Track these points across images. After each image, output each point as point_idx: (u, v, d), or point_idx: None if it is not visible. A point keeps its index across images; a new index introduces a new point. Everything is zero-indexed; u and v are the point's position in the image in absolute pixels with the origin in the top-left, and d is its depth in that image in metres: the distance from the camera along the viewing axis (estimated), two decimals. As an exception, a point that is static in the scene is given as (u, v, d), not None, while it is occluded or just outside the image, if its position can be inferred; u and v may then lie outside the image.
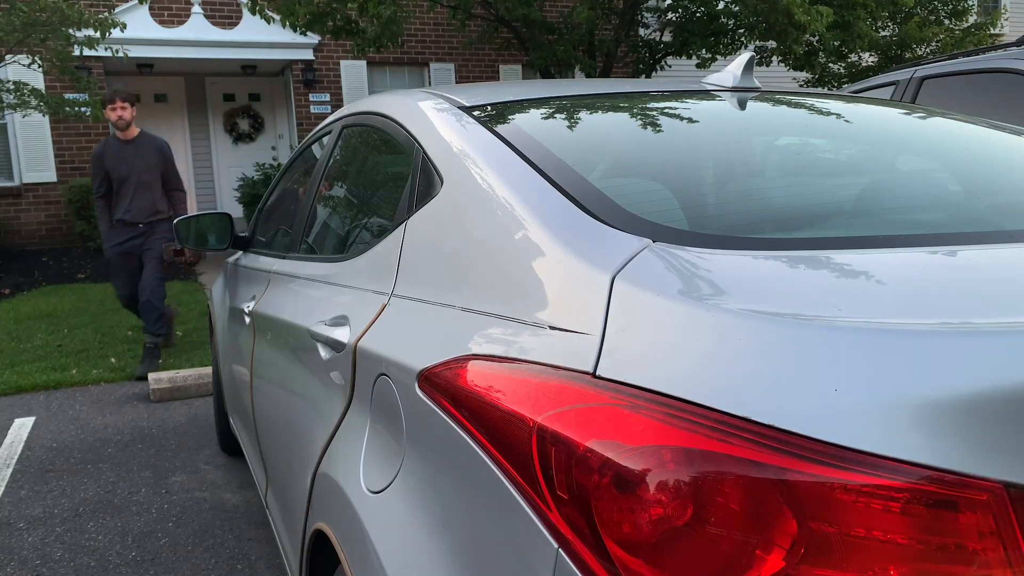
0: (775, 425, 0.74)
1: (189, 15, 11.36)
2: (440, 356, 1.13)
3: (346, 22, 9.82)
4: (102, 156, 5.44)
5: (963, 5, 11.72)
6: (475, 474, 0.98)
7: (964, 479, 0.71)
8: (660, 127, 1.61)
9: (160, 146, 5.52)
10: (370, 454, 1.32)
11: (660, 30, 11.67)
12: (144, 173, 5.44)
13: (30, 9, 7.31)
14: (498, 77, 12.87)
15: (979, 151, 1.62)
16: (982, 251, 1.02)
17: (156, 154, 5.49)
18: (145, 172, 5.44)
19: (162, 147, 5.52)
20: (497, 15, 10.42)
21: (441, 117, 1.54)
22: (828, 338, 0.79)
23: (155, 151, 5.49)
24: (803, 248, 1.01)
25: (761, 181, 1.44)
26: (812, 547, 0.72)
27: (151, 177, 5.47)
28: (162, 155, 5.50)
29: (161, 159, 5.49)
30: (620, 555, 0.78)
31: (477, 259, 1.23)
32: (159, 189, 5.52)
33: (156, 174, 5.49)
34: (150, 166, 5.46)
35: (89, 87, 8.34)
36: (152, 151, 5.48)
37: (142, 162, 5.44)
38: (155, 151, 5.49)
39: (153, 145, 5.51)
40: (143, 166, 5.44)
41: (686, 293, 0.89)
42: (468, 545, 1.00)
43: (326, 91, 12.22)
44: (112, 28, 7.50)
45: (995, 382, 0.73)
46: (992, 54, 3.61)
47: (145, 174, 5.45)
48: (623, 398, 0.83)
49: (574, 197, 1.14)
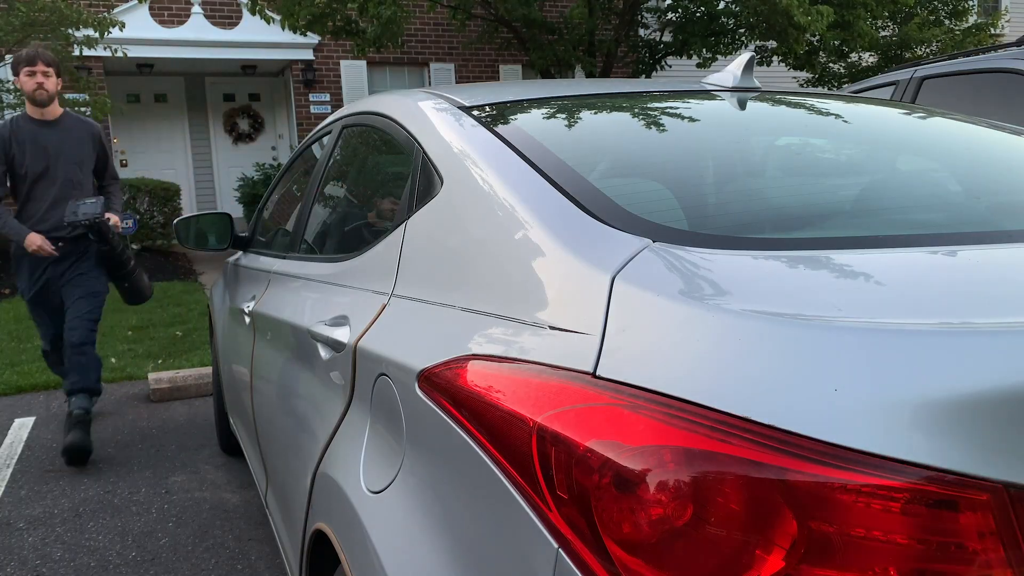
0: (775, 425, 0.74)
1: (189, 15, 11.36)
2: (440, 356, 1.13)
3: (346, 22, 9.82)
4: (6, 141, 3.81)
5: (963, 5, 11.73)
6: (475, 474, 0.98)
7: (964, 479, 0.71)
8: (660, 127, 1.61)
9: (95, 132, 4.00)
10: (370, 454, 1.32)
11: (660, 30, 11.67)
12: (71, 167, 3.89)
13: (29, 9, 7.32)
14: (498, 77, 12.87)
15: (979, 151, 1.62)
16: (982, 251, 1.02)
17: (89, 143, 3.97)
18: (73, 166, 3.90)
19: (97, 133, 4.01)
20: (497, 15, 10.43)
21: (441, 117, 1.54)
22: (828, 338, 0.79)
23: (89, 139, 3.97)
24: (803, 248, 1.01)
25: (761, 181, 1.44)
26: (812, 547, 0.72)
27: (82, 174, 3.94)
28: (98, 144, 4.02)
29: (97, 150, 4.02)
30: (620, 555, 0.78)
31: (477, 259, 1.23)
32: (91, 190, 4.00)
33: (88, 169, 3.99)
34: (81, 158, 3.93)
35: (89, 87, 8.35)
36: (84, 138, 3.95)
37: (70, 152, 3.89)
38: (89, 139, 3.97)
39: (86, 130, 3.97)
40: (71, 157, 3.90)
41: (686, 293, 0.89)
42: (468, 545, 1.00)
43: (326, 91, 12.23)
44: (111, 28, 7.50)
45: (995, 382, 0.73)
46: (992, 54, 3.61)
47: (73, 169, 3.90)
48: (623, 398, 0.83)
49: (574, 197, 1.14)
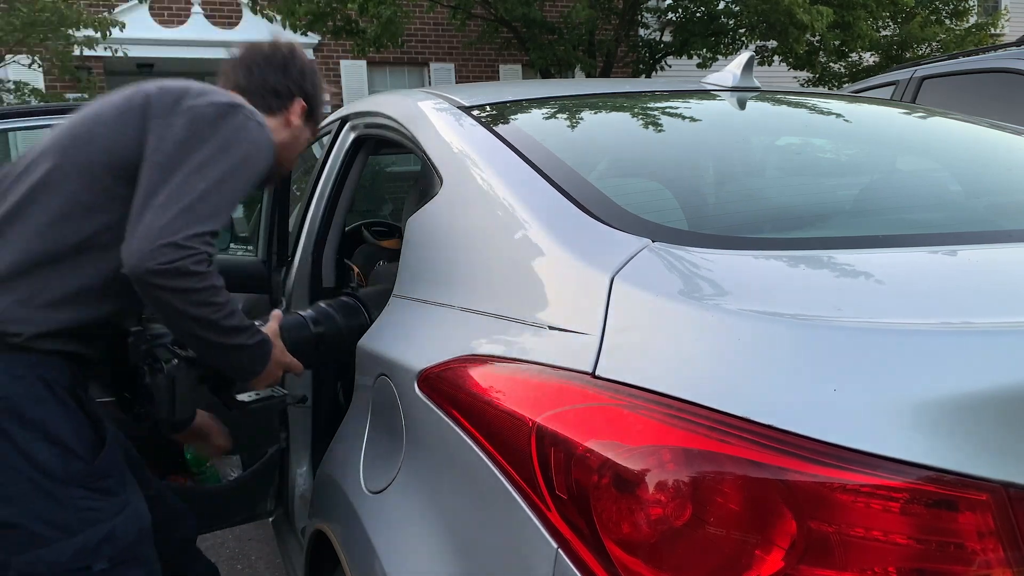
0: (774, 425, 0.74)
1: (189, 15, 11.36)
2: (440, 356, 1.13)
3: (346, 22, 9.81)
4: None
5: (964, 5, 11.72)
6: (475, 474, 0.98)
7: (963, 479, 0.71)
8: (660, 127, 1.61)
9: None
10: (370, 454, 1.32)
11: (660, 30, 11.66)
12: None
13: (30, 9, 7.32)
14: (498, 77, 12.86)
15: (979, 151, 1.62)
16: (982, 251, 1.02)
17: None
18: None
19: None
20: (497, 15, 10.42)
21: (441, 117, 1.54)
22: (828, 338, 0.79)
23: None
24: (803, 248, 1.01)
25: (761, 181, 1.44)
26: (811, 547, 0.72)
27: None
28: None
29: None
30: (619, 555, 0.78)
31: (476, 259, 1.22)
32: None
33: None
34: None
35: (89, 87, 8.34)
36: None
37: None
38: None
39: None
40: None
41: (686, 293, 0.89)
42: (468, 545, 1.00)
43: (326, 91, 12.23)
44: (112, 28, 7.50)
45: (995, 382, 0.73)
46: (992, 54, 3.61)
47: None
48: (622, 398, 0.83)
49: (573, 197, 1.14)
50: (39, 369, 1.29)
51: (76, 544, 1.28)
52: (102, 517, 1.31)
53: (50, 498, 1.27)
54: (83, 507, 1.30)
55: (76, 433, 1.31)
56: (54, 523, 1.28)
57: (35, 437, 1.27)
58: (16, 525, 1.26)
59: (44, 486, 1.27)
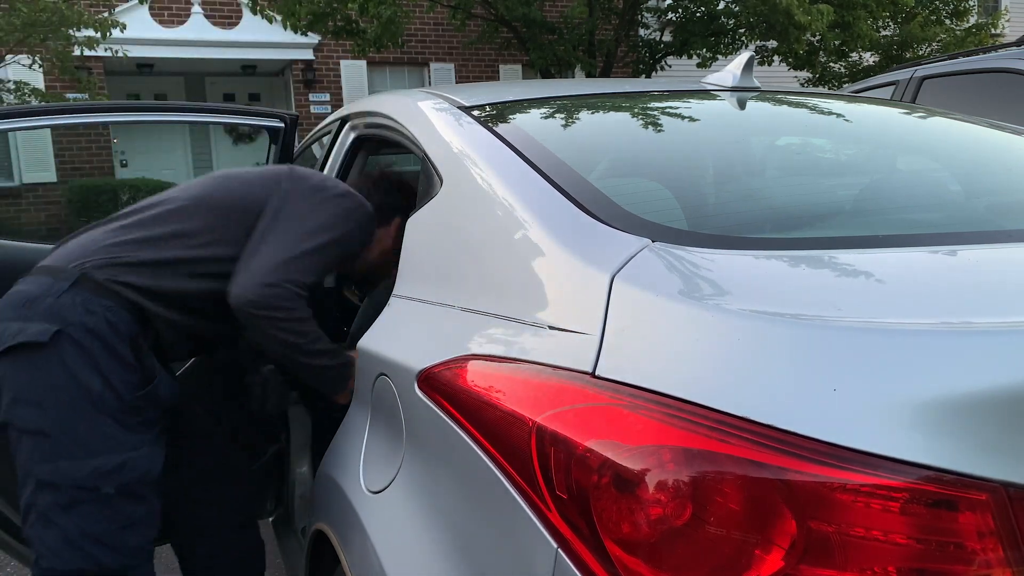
0: (774, 425, 0.74)
1: (189, 15, 11.35)
2: (440, 356, 1.13)
3: (346, 22, 9.81)
4: None
5: (964, 5, 11.72)
6: (475, 474, 0.98)
7: (963, 479, 0.71)
8: (660, 127, 1.61)
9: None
10: (370, 454, 1.32)
11: (660, 30, 11.66)
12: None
13: (30, 9, 7.32)
14: (498, 77, 12.86)
15: (979, 151, 1.62)
16: (982, 251, 1.02)
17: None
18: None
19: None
20: (497, 15, 10.42)
21: (440, 117, 1.54)
22: (828, 338, 0.79)
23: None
24: (803, 248, 1.01)
25: (761, 181, 1.44)
26: (811, 547, 0.72)
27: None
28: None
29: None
30: (619, 555, 0.78)
31: (476, 259, 1.23)
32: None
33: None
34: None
35: (89, 87, 8.34)
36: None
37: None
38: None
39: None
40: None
41: (686, 293, 0.89)
42: (467, 545, 1.00)
43: (326, 91, 12.22)
44: (112, 28, 7.50)
45: (995, 382, 0.73)
46: (992, 54, 3.61)
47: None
48: (622, 398, 0.83)
49: (573, 197, 1.14)
50: (110, 313, 1.49)
51: (94, 464, 1.45)
52: (120, 448, 1.48)
53: (82, 418, 1.45)
54: (108, 434, 1.47)
55: (121, 373, 1.49)
56: (79, 441, 1.45)
57: (85, 364, 1.45)
58: (49, 435, 1.45)
59: (80, 406, 1.45)
